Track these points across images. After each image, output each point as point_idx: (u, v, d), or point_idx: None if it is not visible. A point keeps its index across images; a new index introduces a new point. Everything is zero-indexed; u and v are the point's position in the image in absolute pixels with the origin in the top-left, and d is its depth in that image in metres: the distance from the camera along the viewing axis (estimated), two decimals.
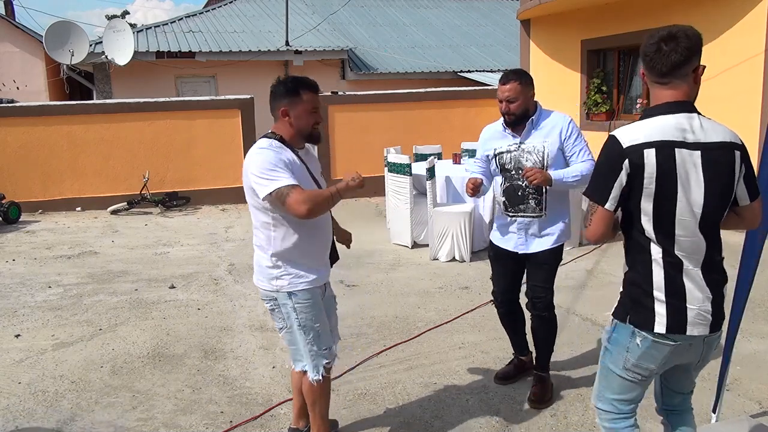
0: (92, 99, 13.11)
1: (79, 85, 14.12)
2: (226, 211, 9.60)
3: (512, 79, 3.22)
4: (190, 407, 3.50)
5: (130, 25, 14.05)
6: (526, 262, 3.42)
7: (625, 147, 1.97)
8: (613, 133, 2.04)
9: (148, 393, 3.67)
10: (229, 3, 17.17)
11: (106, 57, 12.20)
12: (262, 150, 2.59)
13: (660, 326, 2.02)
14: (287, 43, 14.22)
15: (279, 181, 2.50)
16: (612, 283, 5.53)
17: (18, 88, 14.12)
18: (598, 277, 5.78)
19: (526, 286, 3.44)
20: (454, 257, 6.42)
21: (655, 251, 2.03)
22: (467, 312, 4.87)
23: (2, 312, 5.13)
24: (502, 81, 3.27)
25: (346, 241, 3.15)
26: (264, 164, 2.53)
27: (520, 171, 3.26)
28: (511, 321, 3.65)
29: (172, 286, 5.74)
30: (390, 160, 7.08)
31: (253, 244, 2.77)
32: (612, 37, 9.09)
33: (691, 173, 1.95)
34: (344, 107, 10.74)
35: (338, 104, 10.69)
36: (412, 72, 15.03)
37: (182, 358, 4.17)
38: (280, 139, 2.67)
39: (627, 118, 9.18)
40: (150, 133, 9.88)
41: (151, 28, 15.08)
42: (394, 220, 7.23)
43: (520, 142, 3.30)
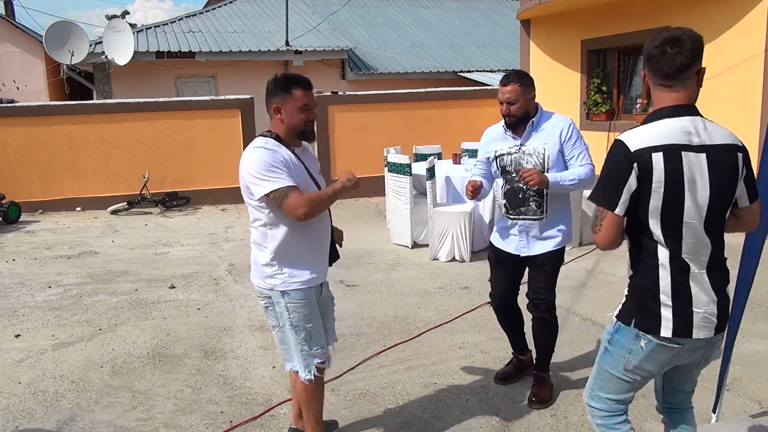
0: (92, 99, 13.11)
1: (79, 85, 14.12)
2: (226, 211, 9.61)
3: (513, 81, 3.20)
4: (190, 407, 3.50)
5: (130, 25, 14.05)
6: (527, 265, 3.41)
7: (633, 151, 1.97)
8: (620, 137, 2.04)
9: (148, 393, 3.67)
10: (229, 3, 17.16)
11: (106, 57, 12.21)
12: (258, 149, 2.58)
13: (666, 330, 2.03)
14: (287, 43, 14.22)
15: (276, 182, 2.49)
16: (612, 283, 5.53)
17: (18, 88, 14.12)
18: (598, 277, 5.78)
19: (528, 288, 3.43)
20: (454, 257, 6.42)
21: (662, 255, 2.03)
22: (467, 312, 4.88)
23: (2, 312, 5.13)
24: (502, 83, 3.25)
25: (338, 239, 3.13)
26: (261, 164, 2.52)
27: None
28: (510, 322, 3.64)
29: (172, 286, 5.75)
30: (390, 160, 7.08)
31: (250, 242, 2.77)
32: (612, 37, 9.09)
33: (697, 175, 1.96)
34: (344, 107, 10.74)
35: (338, 104, 10.69)
36: (412, 72, 15.02)
37: (182, 358, 4.17)
38: (276, 137, 2.66)
39: (627, 118, 9.18)
40: (150, 133, 9.89)
41: (151, 28, 15.08)
42: (394, 220, 7.23)
43: (521, 144, 3.29)
